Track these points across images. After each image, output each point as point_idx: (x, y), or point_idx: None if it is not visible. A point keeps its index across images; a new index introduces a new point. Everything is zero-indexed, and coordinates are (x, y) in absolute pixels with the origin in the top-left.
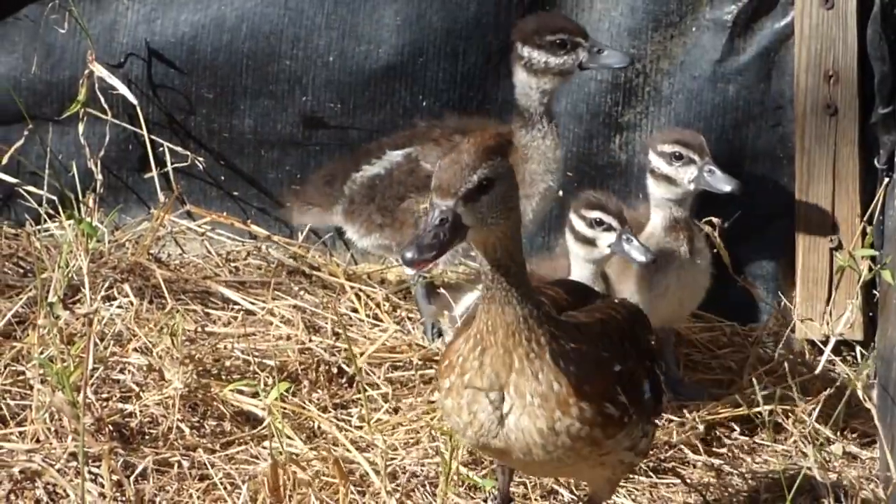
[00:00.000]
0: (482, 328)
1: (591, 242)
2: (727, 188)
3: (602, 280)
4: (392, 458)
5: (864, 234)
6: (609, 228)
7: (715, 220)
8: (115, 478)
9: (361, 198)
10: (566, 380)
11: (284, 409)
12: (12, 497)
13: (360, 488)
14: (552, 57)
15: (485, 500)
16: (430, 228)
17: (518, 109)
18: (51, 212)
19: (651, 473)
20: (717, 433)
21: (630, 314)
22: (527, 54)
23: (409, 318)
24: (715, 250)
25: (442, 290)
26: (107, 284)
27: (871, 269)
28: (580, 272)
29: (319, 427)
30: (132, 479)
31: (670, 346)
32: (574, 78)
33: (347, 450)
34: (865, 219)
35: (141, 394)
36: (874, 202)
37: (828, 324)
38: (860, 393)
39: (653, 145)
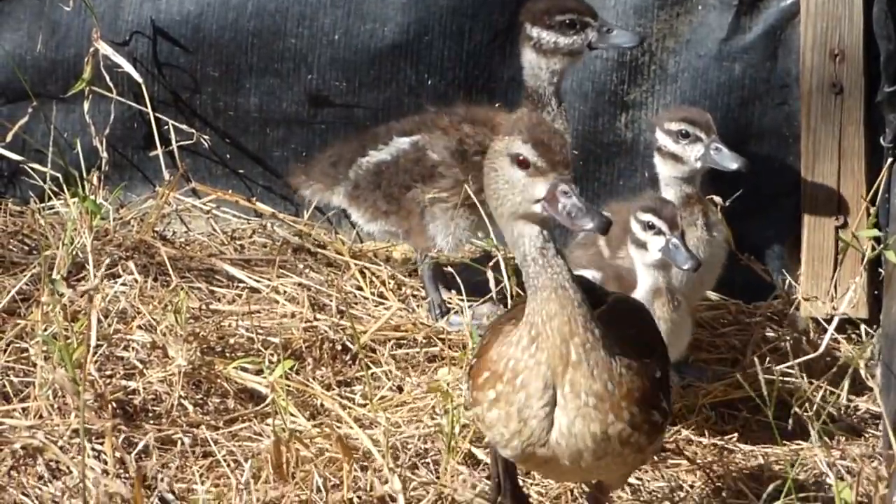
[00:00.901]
0: (535, 320)
1: (643, 246)
2: (734, 166)
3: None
4: (394, 436)
5: (868, 213)
6: (659, 233)
7: (717, 198)
8: (117, 454)
9: (367, 183)
10: (619, 381)
11: (288, 386)
12: (14, 473)
13: (363, 464)
14: (561, 37)
15: (487, 477)
16: (583, 199)
17: (527, 91)
18: (55, 189)
19: (658, 454)
20: (722, 412)
21: (648, 316)
22: (536, 35)
23: (414, 296)
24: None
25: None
26: (111, 262)
27: (874, 249)
28: (647, 279)
29: (323, 404)
30: (134, 455)
31: None
32: (584, 58)
33: (350, 427)
34: (869, 198)
35: (144, 371)
36: (878, 181)
37: (832, 302)
38: (863, 371)
39: (659, 123)
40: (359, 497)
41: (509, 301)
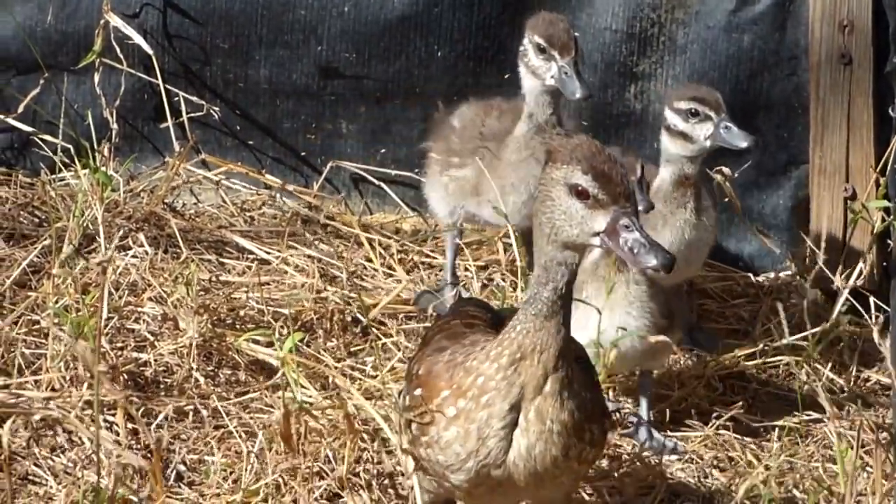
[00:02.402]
0: (525, 346)
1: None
2: (743, 144)
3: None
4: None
5: (877, 184)
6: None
7: (725, 169)
8: (130, 426)
9: None
10: (585, 407)
11: (299, 359)
12: (28, 445)
13: (373, 436)
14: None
15: None
16: (646, 234)
17: (525, 102)
18: (66, 161)
19: (668, 423)
20: (731, 384)
21: None
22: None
23: (422, 265)
24: (727, 199)
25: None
26: (122, 234)
27: (884, 220)
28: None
29: (334, 378)
30: (153, 428)
31: (682, 295)
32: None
33: (358, 400)
34: (879, 169)
35: (156, 343)
36: (888, 152)
37: (842, 273)
38: (877, 339)
39: (669, 102)
40: (366, 471)
41: (519, 276)
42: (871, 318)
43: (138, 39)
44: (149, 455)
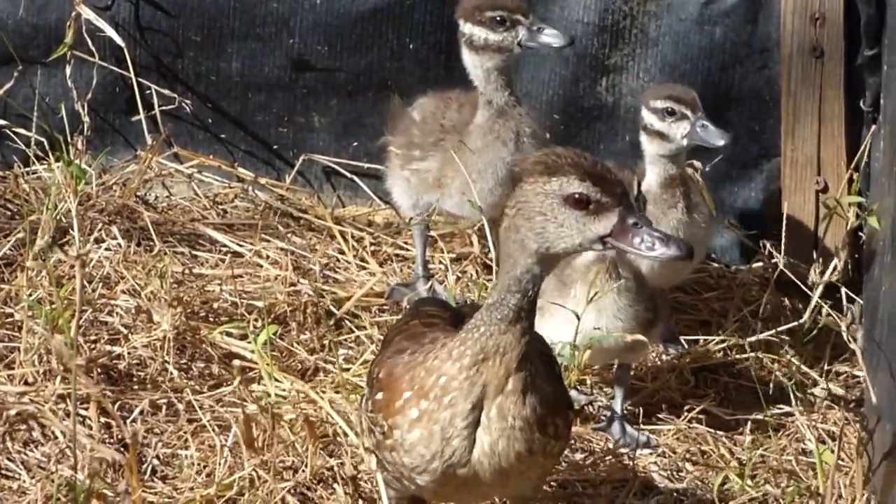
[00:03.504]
0: (488, 348)
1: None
2: (720, 142)
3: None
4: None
5: (851, 179)
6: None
7: (697, 163)
8: (103, 420)
9: None
10: (547, 401)
11: (273, 352)
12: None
13: (345, 431)
14: (491, 33)
15: None
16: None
17: (478, 90)
18: (39, 154)
19: (640, 418)
20: (704, 376)
21: None
22: (468, 31)
23: (395, 258)
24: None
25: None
26: (95, 227)
27: (858, 216)
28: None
29: (308, 370)
30: (125, 421)
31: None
32: (515, 57)
33: (327, 399)
34: (853, 165)
35: (129, 336)
36: (862, 148)
37: (814, 268)
38: (845, 335)
39: (645, 101)
40: (340, 464)
41: (493, 267)
42: (843, 311)
43: (110, 32)
44: (122, 449)
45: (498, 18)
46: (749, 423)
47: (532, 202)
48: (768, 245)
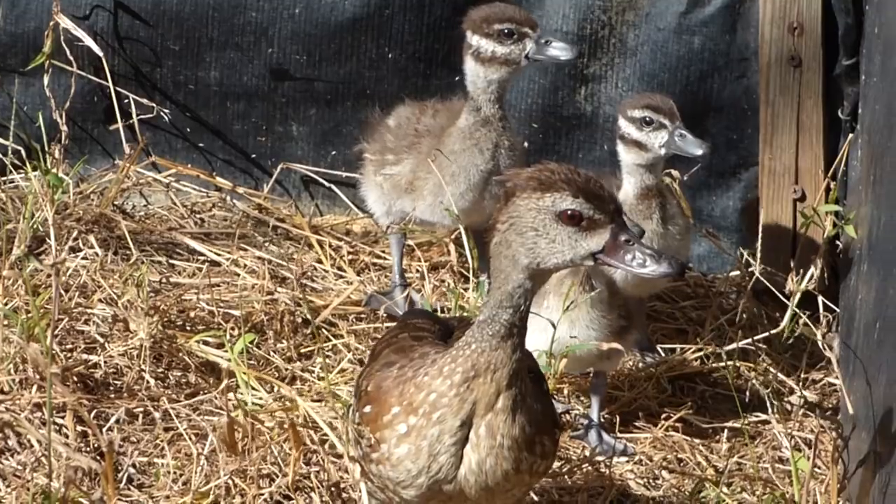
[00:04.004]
0: (479, 365)
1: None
2: (698, 152)
3: None
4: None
5: (828, 188)
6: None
7: (675, 172)
8: (80, 428)
9: None
10: (537, 420)
11: (250, 361)
12: None
13: (324, 436)
14: (499, 46)
15: None
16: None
17: (470, 100)
18: (16, 163)
19: (617, 426)
20: (680, 384)
21: None
22: (475, 43)
23: (373, 266)
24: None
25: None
26: (72, 236)
27: (835, 225)
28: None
29: (284, 378)
30: (101, 429)
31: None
32: (523, 70)
33: (307, 406)
34: (830, 174)
35: (106, 345)
36: (839, 157)
37: (791, 276)
38: (820, 344)
39: (622, 111)
40: (316, 472)
41: (470, 276)
42: (820, 319)
43: (88, 41)
44: (98, 458)
45: (506, 31)
46: (726, 431)
47: (524, 217)
48: (746, 254)
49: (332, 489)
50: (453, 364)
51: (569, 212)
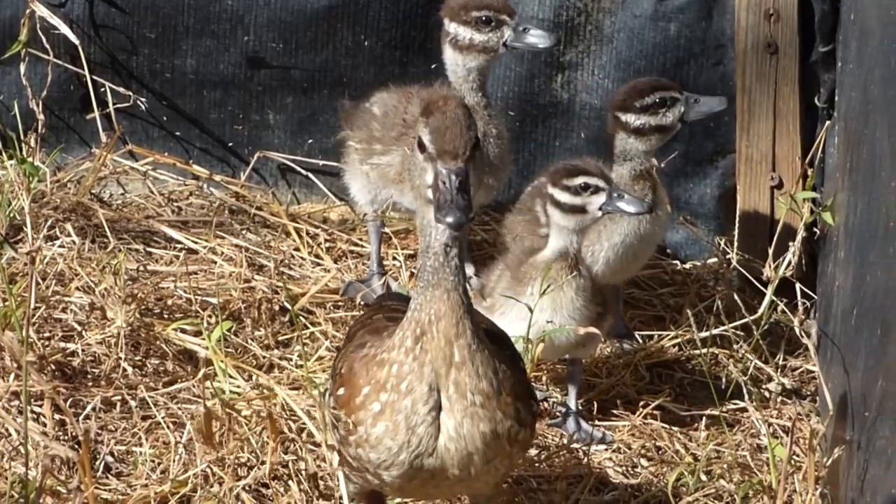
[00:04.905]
0: (423, 319)
1: (580, 210)
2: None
3: None
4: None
5: (805, 175)
6: (597, 190)
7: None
8: (57, 417)
9: None
10: (503, 378)
11: (227, 349)
12: None
13: (302, 425)
14: (476, 33)
15: None
16: (456, 192)
17: (451, 86)
18: None
19: (595, 414)
20: (658, 372)
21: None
22: (453, 30)
23: (350, 254)
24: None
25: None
26: (49, 224)
27: (812, 212)
28: (561, 243)
29: (262, 366)
30: (80, 419)
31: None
32: (500, 57)
33: (289, 403)
34: (808, 161)
35: (83, 333)
36: (816, 144)
37: (769, 263)
38: (797, 330)
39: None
40: (293, 461)
41: None
42: (798, 306)
43: (64, 29)
44: (77, 446)
45: (483, 18)
46: (704, 418)
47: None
48: (723, 241)
49: (310, 479)
50: (402, 332)
51: (419, 139)
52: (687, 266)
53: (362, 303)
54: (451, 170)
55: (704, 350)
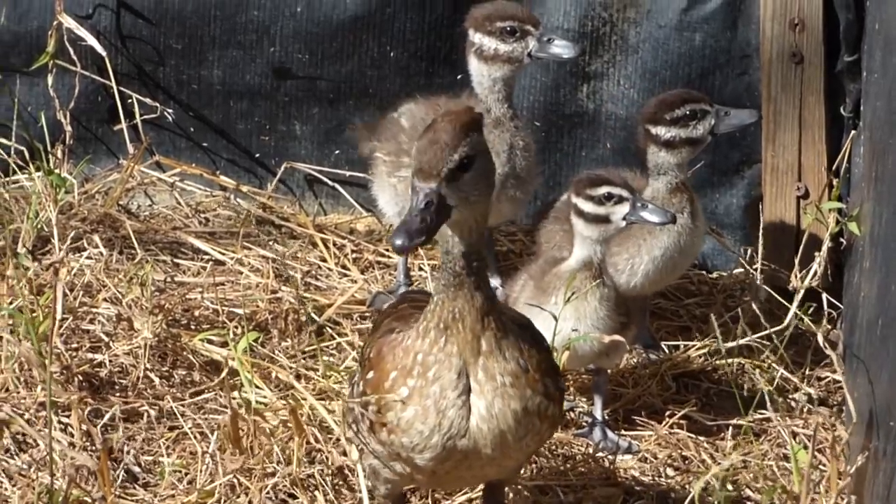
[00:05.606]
0: (446, 317)
1: (604, 220)
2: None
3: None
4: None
5: (830, 184)
6: (620, 200)
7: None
8: (83, 427)
9: None
10: (529, 355)
11: (252, 360)
12: None
13: (325, 436)
14: (501, 44)
15: None
16: (416, 213)
17: (478, 97)
18: (20, 163)
19: (621, 423)
20: (685, 382)
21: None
22: (478, 41)
23: (377, 265)
24: None
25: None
26: (76, 236)
27: (838, 222)
28: (586, 253)
29: (289, 375)
30: (100, 428)
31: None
32: (526, 67)
33: (309, 399)
34: (833, 170)
35: (110, 344)
36: (842, 153)
37: (795, 273)
38: (821, 341)
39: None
40: (320, 471)
41: None
42: (824, 316)
43: (91, 41)
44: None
45: (508, 29)
46: (730, 428)
47: None
48: (750, 251)
49: (336, 477)
50: (425, 322)
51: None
52: (713, 276)
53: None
54: (420, 188)
55: (727, 360)
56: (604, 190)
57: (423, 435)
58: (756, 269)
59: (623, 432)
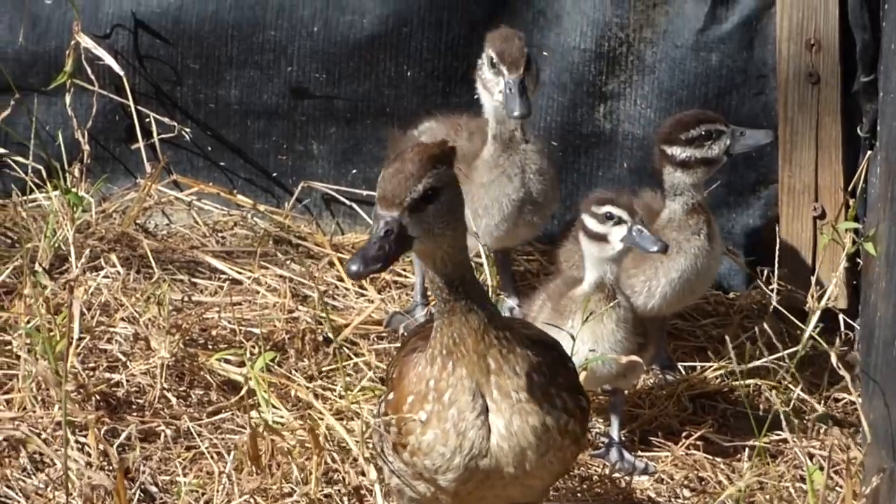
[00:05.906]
0: (447, 343)
1: (603, 238)
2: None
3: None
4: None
5: (847, 205)
6: (619, 222)
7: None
8: (100, 447)
9: None
10: (544, 370)
11: (269, 378)
12: None
13: (343, 456)
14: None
15: None
16: (374, 240)
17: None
18: (38, 182)
19: (638, 444)
20: (701, 403)
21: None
22: (485, 58)
23: (394, 285)
24: None
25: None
26: (93, 254)
27: (854, 242)
28: (597, 275)
29: (300, 393)
30: (116, 447)
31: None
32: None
33: (326, 419)
34: (849, 190)
35: (128, 363)
36: (858, 173)
37: (811, 294)
38: (835, 362)
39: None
40: (338, 491)
41: (492, 296)
42: (840, 336)
43: (109, 60)
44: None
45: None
46: (747, 449)
47: None
48: (766, 271)
49: (353, 497)
50: (431, 349)
51: None
52: (730, 296)
53: (405, 334)
54: (382, 216)
55: (743, 381)
56: (606, 209)
57: (444, 457)
58: (772, 290)
59: (639, 453)
